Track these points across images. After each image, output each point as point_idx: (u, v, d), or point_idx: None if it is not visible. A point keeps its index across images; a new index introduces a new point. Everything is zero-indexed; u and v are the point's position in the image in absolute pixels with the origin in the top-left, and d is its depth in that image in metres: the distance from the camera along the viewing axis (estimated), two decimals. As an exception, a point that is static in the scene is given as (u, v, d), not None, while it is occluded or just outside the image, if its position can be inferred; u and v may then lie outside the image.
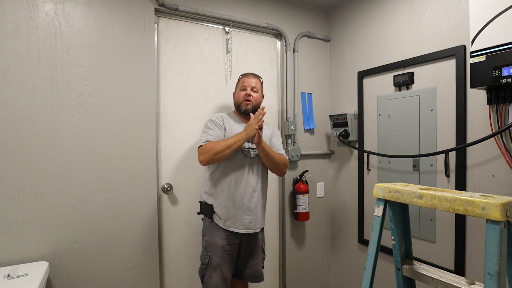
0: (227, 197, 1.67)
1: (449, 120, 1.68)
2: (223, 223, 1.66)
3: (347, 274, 2.41)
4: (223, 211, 1.67)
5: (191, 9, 1.95)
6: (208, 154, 1.59)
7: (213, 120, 1.72)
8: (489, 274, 0.91)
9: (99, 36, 1.71)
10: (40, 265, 1.49)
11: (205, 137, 1.66)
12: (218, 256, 1.64)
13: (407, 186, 1.21)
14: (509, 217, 0.91)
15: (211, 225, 1.69)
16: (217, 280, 1.63)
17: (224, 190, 1.68)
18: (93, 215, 1.69)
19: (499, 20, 1.31)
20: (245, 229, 1.68)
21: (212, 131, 1.67)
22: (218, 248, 1.65)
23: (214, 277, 1.63)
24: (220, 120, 1.72)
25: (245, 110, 1.74)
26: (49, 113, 1.59)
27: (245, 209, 1.68)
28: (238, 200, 1.67)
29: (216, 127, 1.69)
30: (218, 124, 1.70)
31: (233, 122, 1.76)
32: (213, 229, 1.68)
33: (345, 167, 2.39)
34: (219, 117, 1.74)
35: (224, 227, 1.66)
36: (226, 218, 1.66)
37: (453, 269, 1.66)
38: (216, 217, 1.68)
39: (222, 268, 1.64)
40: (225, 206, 1.67)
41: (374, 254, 1.24)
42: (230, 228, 1.66)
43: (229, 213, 1.67)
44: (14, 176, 1.52)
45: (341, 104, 2.42)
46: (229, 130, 1.71)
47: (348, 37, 2.34)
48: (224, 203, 1.67)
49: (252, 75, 1.81)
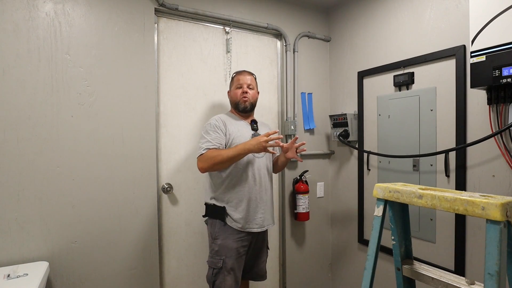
0: (241, 198, 1.65)
1: (449, 120, 1.68)
2: (237, 224, 1.63)
3: (347, 274, 2.41)
4: (238, 213, 1.64)
5: (191, 9, 1.95)
6: (208, 163, 1.56)
7: (213, 124, 1.66)
8: (489, 274, 0.90)
9: (99, 36, 1.71)
10: (40, 265, 1.49)
11: (205, 144, 1.60)
12: (232, 259, 1.61)
13: (407, 186, 1.21)
14: (509, 217, 0.91)
15: (224, 228, 1.64)
16: (231, 283, 1.60)
17: (238, 191, 1.65)
18: (93, 215, 1.69)
19: (499, 20, 1.31)
20: (259, 227, 1.67)
21: (212, 136, 1.62)
22: (232, 251, 1.61)
23: (228, 280, 1.60)
24: (220, 122, 1.68)
25: (244, 108, 1.74)
26: (49, 113, 1.59)
27: (259, 208, 1.68)
28: (253, 200, 1.66)
29: (216, 131, 1.64)
30: (218, 127, 1.65)
31: (234, 121, 1.74)
32: (227, 232, 1.64)
33: (345, 167, 2.39)
34: (218, 119, 1.69)
35: (240, 229, 1.63)
36: (242, 220, 1.63)
37: (453, 269, 1.66)
38: (229, 219, 1.64)
39: (235, 271, 1.62)
40: (240, 207, 1.64)
41: (374, 254, 1.24)
42: (244, 229, 1.64)
43: (245, 213, 1.64)
44: (14, 176, 1.52)
45: (341, 104, 2.42)
46: (232, 131, 1.67)
47: (348, 37, 2.34)
48: (240, 205, 1.64)
49: (247, 73, 1.79)
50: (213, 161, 1.54)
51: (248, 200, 1.65)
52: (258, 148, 1.51)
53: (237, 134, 1.67)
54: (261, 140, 1.50)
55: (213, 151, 1.57)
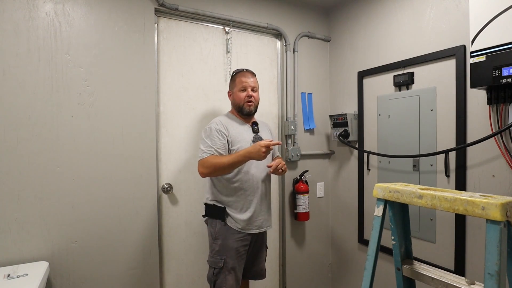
0: (244, 200, 1.66)
1: (449, 120, 1.68)
2: (237, 225, 1.64)
3: (347, 274, 2.41)
4: (241, 216, 1.65)
5: (191, 9, 1.95)
6: (208, 169, 1.57)
7: (213, 128, 1.65)
8: (489, 274, 0.91)
9: (99, 36, 1.71)
10: (40, 265, 1.49)
11: (207, 148, 1.61)
12: (233, 258, 1.63)
13: (407, 186, 1.21)
14: (509, 217, 0.91)
15: (224, 228, 1.65)
16: (232, 283, 1.61)
17: (240, 194, 1.66)
18: (93, 215, 1.69)
19: (499, 20, 1.31)
20: (258, 229, 1.69)
21: (215, 141, 1.62)
22: (232, 251, 1.63)
23: (229, 280, 1.61)
24: (222, 126, 1.66)
25: (248, 112, 1.73)
26: (49, 113, 1.59)
27: (260, 210, 1.69)
28: (255, 202, 1.67)
29: (218, 136, 1.63)
30: (221, 132, 1.64)
31: (236, 124, 1.73)
32: (227, 232, 1.65)
33: (345, 167, 2.39)
34: (219, 123, 1.67)
35: (240, 229, 1.65)
36: (243, 222, 1.65)
37: (453, 269, 1.66)
38: (230, 219, 1.65)
39: (236, 270, 1.64)
40: (242, 209, 1.66)
41: (374, 254, 1.24)
42: (245, 230, 1.65)
43: (246, 214, 1.65)
44: (14, 176, 1.52)
45: (341, 104, 2.42)
46: (233, 136, 1.66)
47: (348, 37, 2.34)
48: (241, 206, 1.66)
49: (249, 74, 1.76)
50: (213, 167, 1.56)
51: (251, 204, 1.67)
52: (258, 156, 1.53)
53: (238, 138, 1.67)
54: (262, 151, 1.52)
55: (215, 157, 1.58)
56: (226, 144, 1.64)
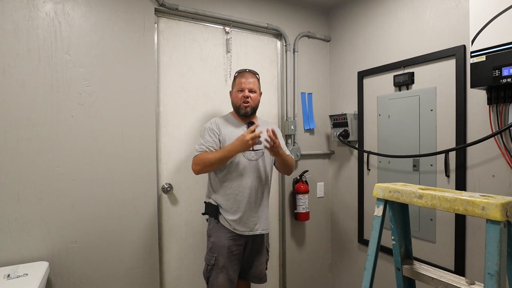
0: (233, 201, 1.66)
1: (449, 120, 1.68)
2: (229, 225, 1.66)
3: (347, 274, 2.41)
4: (229, 214, 1.66)
5: (191, 9, 1.95)
6: (199, 165, 1.61)
7: (207, 127, 1.71)
8: (489, 274, 0.91)
9: (99, 36, 1.71)
10: (40, 265, 1.49)
11: (199, 146, 1.66)
12: (224, 257, 1.63)
13: (407, 186, 1.21)
14: (509, 217, 0.91)
15: (217, 226, 1.68)
16: (223, 281, 1.63)
17: (229, 194, 1.67)
18: (93, 215, 1.69)
19: (499, 20, 1.31)
20: (250, 231, 1.69)
21: (206, 139, 1.67)
22: (224, 249, 1.64)
23: (220, 278, 1.63)
24: (215, 126, 1.71)
25: (245, 113, 1.72)
26: (49, 113, 1.59)
27: (251, 212, 1.68)
28: (244, 203, 1.67)
29: (210, 135, 1.68)
30: (213, 131, 1.69)
31: (230, 126, 1.73)
32: (219, 230, 1.67)
33: (345, 167, 2.39)
34: (213, 123, 1.72)
35: (230, 228, 1.66)
36: (233, 222, 1.65)
37: (453, 269, 1.66)
38: (222, 218, 1.67)
39: (228, 269, 1.64)
40: (231, 209, 1.66)
41: (374, 254, 1.24)
42: (236, 231, 1.66)
43: (235, 215, 1.66)
44: (14, 176, 1.52)
45: (341, 104, 2.42)
46: (226, 135, 1.69)
47: (348, 37, 2.34)
48: (230, 206, 1.66)
49: (250, 74, 1.74)
50: (203, 163, 1.59)
51: (241, 205, 1.67)
52: (243, 145, 1.54)
53: (229, 137, 1.67)
54: (246, 138, 1.52)
55: (204, 154, 1.62)
56: (217, 142, 1.67)
